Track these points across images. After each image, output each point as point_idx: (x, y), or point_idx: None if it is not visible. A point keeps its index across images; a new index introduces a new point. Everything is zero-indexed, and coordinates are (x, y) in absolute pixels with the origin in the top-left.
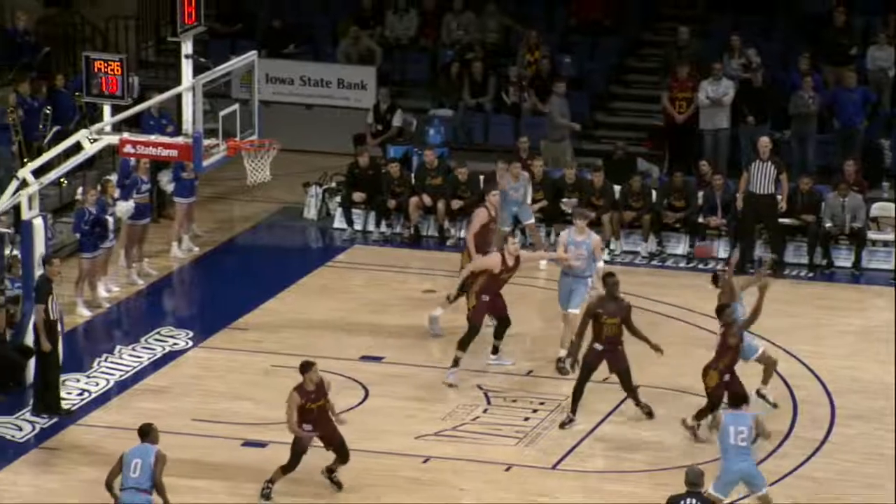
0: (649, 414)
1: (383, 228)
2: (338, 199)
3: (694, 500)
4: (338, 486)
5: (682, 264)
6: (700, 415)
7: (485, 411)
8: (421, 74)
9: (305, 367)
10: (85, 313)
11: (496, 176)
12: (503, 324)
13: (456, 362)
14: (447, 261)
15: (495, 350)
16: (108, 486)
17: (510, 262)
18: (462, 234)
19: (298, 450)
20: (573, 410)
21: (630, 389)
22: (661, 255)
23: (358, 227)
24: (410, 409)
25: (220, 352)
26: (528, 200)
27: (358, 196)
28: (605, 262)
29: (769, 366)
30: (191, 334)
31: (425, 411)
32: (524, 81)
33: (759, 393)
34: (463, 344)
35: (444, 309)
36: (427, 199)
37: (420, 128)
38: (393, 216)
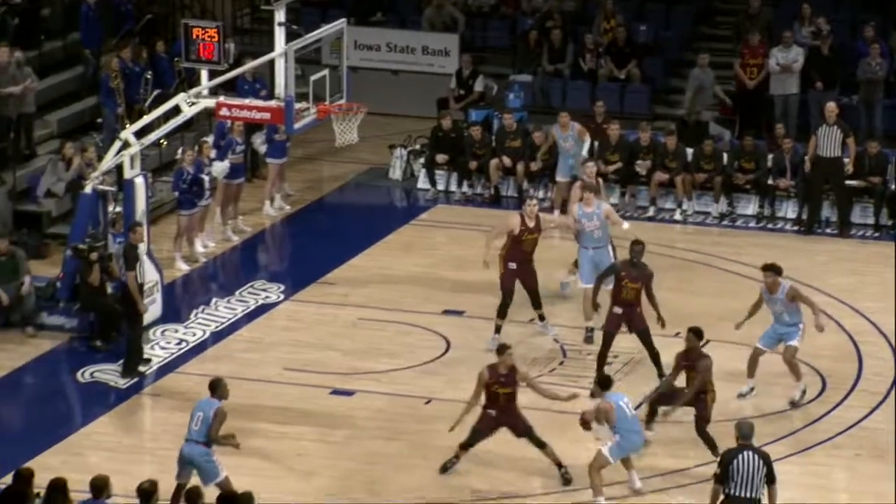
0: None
1: (465, 188)
2: (422, 160)
3: (750, 453)
4: (567, 481)
5: (751, 224)
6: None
7: (561, 364)
8: (502, 41)
9: (500, 350)
10: (183, 267)
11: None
12: (534, 297)
13: (497, 329)
14: None
15: (541, 318)
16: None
17: (530, 224)
18: (541, 194)
19: (478, 429)
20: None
21: (651, 350)
22: (732, 215)
23: (441, 187)
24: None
25: (309, 305)
26: (584, 153)
27: (441, 157)
28: (678, 221)
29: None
30: (282, 288)
31: None
32: (600, 48)
33: None
34: (500, 311)
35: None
36: (507, 161)
37: (500, 92)
38: (474, 177)
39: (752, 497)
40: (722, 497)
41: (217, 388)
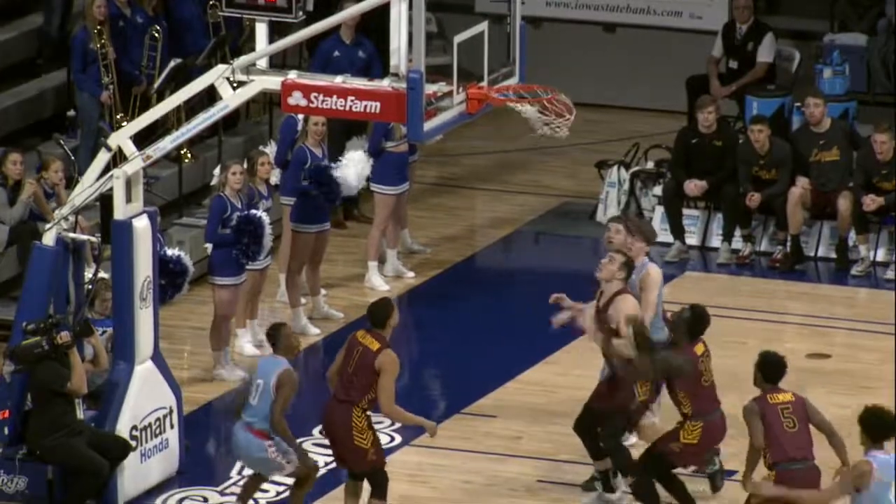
0: None
1: (739, 242)
2: (658, 189)
3: None
4: None
5: None
6: None
7: None
8: None
9: None
10: (231, 376)
11: None
12: None
13: None
14: None
15: None
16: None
17: None
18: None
19: None
20: None
21: None
22: None
23: (694, 239)
24: None
25: (445, 455)
26: None
27: (694, 185)
28: None
29: None
30: (397, 425)
31: None
32: None
33: None
34: None
35: None
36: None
37: (806, 65)
38: (756, 221)
39: None
40: None
41: (277, 336)
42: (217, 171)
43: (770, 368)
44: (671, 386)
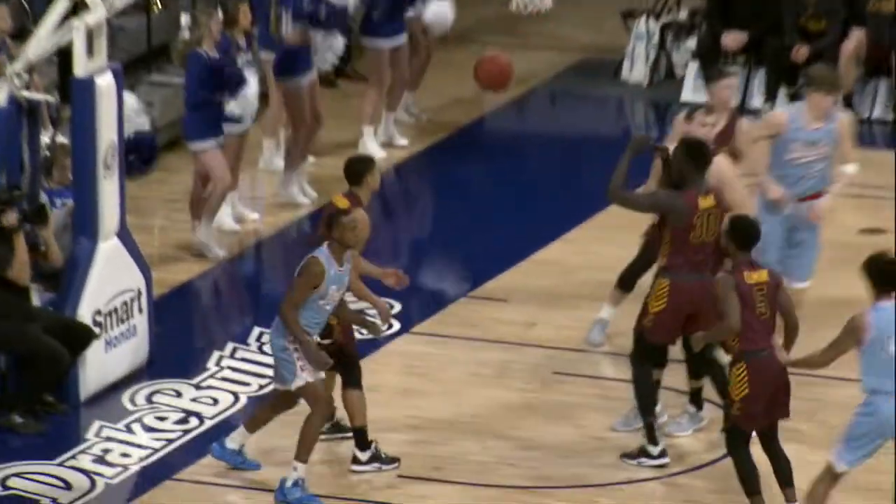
0: None
1: (783, 101)
2: (691, 42)
3: None
4: None
5: None
6: None
7: None
8: None
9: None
10: (215, 252)
11: None
12: None
13: None
14: None
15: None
16: None
17: None
18: None
19: None
20: None
21: None
22: None
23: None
24: None
25: (447, 343)
26: None
27: (733, 38)
28: None
29: None
30: (395, 309)
31: None
32: None
33: None
34: None
35: None
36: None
37: None
38: (803, 76)
39: None
40: None
41: (331, 225)
42: (185, 19)
43: (743, 235)
44: (663, 224)
